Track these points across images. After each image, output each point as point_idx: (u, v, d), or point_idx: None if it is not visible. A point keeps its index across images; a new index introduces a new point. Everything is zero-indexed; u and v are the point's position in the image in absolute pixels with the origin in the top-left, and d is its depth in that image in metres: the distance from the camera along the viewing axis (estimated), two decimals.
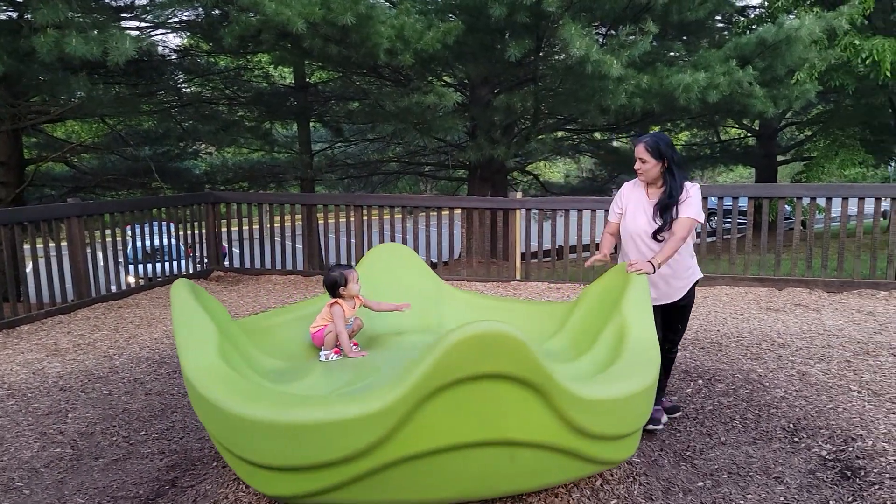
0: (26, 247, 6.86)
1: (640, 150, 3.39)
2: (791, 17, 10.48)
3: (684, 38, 11.23)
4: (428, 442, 2.27)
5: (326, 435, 2.26)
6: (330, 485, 2.36)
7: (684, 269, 3.50)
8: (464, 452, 2.34)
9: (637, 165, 3.44)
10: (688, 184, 3.39)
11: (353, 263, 5.50)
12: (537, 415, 2.31)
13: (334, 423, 2.24)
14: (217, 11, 8.94)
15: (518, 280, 7.78)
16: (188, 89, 12.72)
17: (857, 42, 10.24)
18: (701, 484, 2.98)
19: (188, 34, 11.76)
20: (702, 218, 3.38)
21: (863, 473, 2.97)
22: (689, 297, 3.56)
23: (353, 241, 8.18)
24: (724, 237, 7.95)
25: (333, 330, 3.60)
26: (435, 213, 8.32)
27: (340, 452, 2.26)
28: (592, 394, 2.44)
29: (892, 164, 19.82)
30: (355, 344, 3.72)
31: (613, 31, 9.38)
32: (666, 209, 3.38)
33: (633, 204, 3.55)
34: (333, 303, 3.63)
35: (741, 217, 17.84)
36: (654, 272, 3.36)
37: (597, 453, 2.56)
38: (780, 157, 19.98)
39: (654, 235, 3.41)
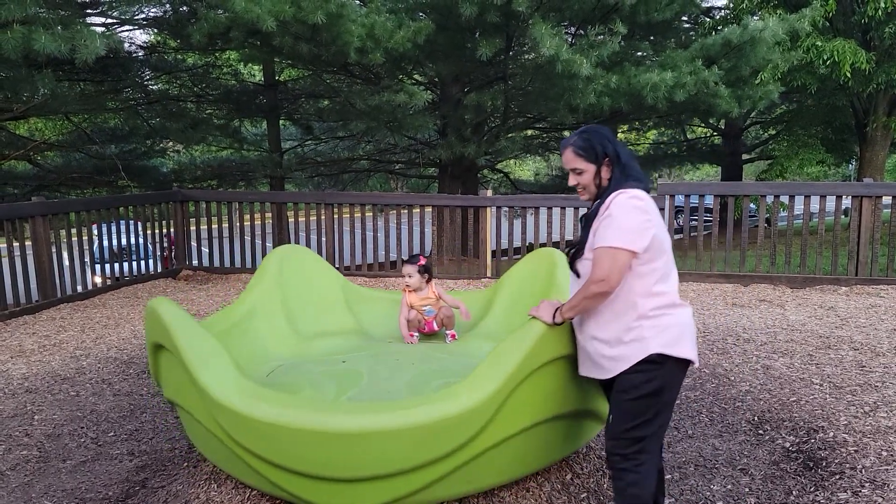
0: None
1: (569, 157, 2.38)
2: (755, 18, 10.70)
3: (651, 38, 11.39)
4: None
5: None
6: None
7: (619, 332, 2.26)
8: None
9: (572, 180, 2.40)
10: (623, 193, 2.24)
11: (424, 252, 5.96)
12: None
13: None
14: (185, 8, 8.83)
15: (489, 277, 7.83)
16: (155, 86, 12.52)
17: (818, 44, 10.49)
18: (669, 476, 3.05)
19: (155, 31, 11.57)
20: (634, 246, 2.17)
21: (824, 464, 3.06)
22: (628, 383, 2.25)
23: (323, 238, 8.15)
24: (691, 234, 8.09)
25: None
26: (406, 211, 8.33)
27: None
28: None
29: (853, 163, 20.34)
30: (411, 333, 4.02)
31: (582, 32, 9.47)
32: (586, 226, 2.34)
33: None
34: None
35: (707, 214, 18.17)
36: (558, 324, 2.41)
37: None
38: (745, 156, 20.38)
39: (572, 266, 2.40)
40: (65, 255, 6.95)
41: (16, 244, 6.35)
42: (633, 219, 2.19)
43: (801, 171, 13.62)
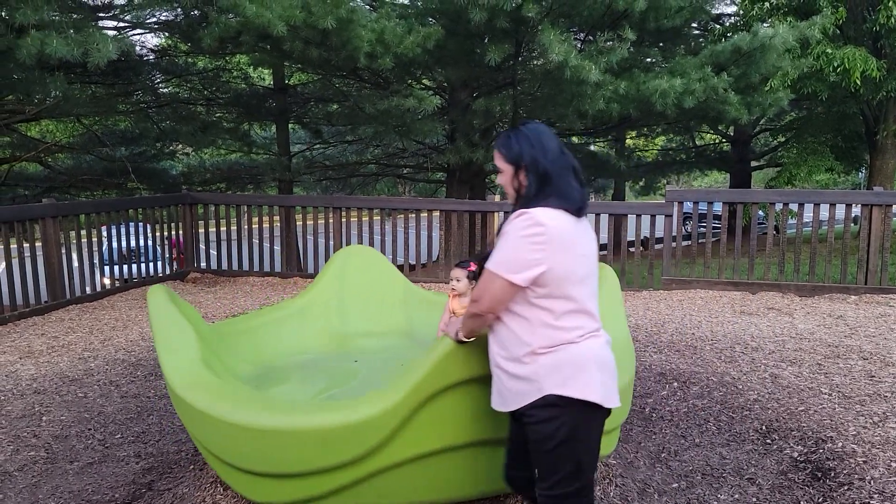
0: None
1: (495, 152, 2.17)
2: (765, 25, 10.68)
3: (661, 44, 11.39)
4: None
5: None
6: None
7: (514, 364, 2.04)
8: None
9: (499, 179, 2.19)
10: (524, 214, 1.95)
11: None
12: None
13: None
14: (196, 12, 8.87)
15: None
16: (166, 90, 12.61)
17: (829, 51, 10.46)
18: (675, 485, 3.03)
19: (166, 35, 11.65)
20: (515, 278, 1.93)
21: (833, 475, 3.04)
22: (537, 433, 2.01)
23: (331, 242, 8.17)
24: (699, 241, 8.07)
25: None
26: (413, 216, 8.33)
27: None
28: None
29: (863, 171, 20.24)
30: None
31: (591, 38, 9.49)
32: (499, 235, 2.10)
33: None
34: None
35: (716, 221, 18.11)
36: (461, 342, 2.23)
37: None
38: (754, 163, 20.32)
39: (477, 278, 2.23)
40: (74, 256, 6.99)
41: (26, 245, 6.40)
42: (519, 248, 1.93)
43: (810, 178, 13.57)
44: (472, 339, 2.21)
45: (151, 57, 11.69)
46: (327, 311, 4.04)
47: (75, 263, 6.95)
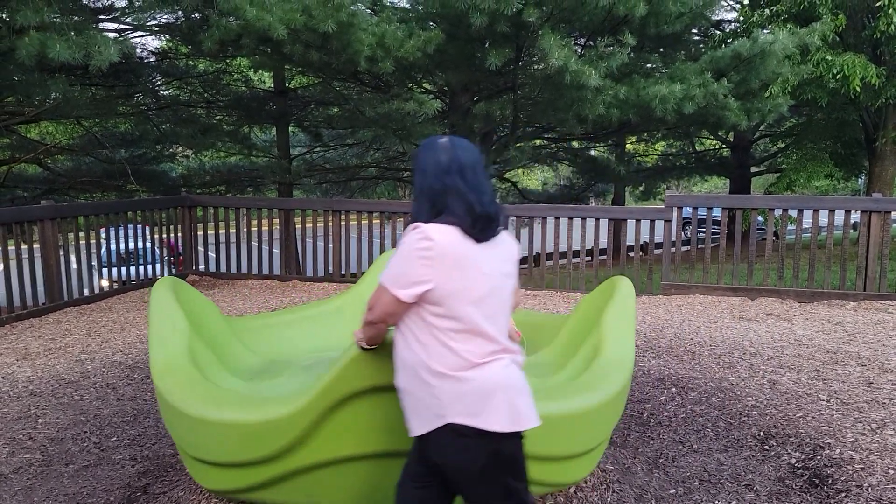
0: None
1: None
2: (765, 32, 10.70)
3: (661, 50, 11.41)
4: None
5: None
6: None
7: (413, 384, 1.94)
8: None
9: None
10: (416, 229, 1.90)
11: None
12: None
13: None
14: (197, 15, 8.89)
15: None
16: (166, 92, 12.62)
17: (828, 58, 10.47)
18: (673, 491, 3.02)
19: (167, 37, 11.67)
20: (400, 294, 1.87)
21: (830, 481, 3.03)
22: (454, 466, 1.91)
23: (330, 246, 8.17)
24: (699, 247, 8.07)
25: None
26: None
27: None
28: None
29: (862, 178, 20.26)
30: None
31: (592, 43, 9.50)
32: None
33: None
34: None
35: (715, 227, 18.11)
36: (365, 349, 2.17)
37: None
38: (754, 169, 20.35)
39: None
40: (73, 258, 6.98)
41: (24, 247, 6.39)
42: (407, 265, 1.88)
43: (809, 184, 13.58)
44: (374, 347, 2.13)
45: (152, 59, 11.71)
46: (355, 312, 4.05)
47: (73, 265, 6.94)
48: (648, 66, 10.42)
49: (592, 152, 19.57)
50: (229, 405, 2.49)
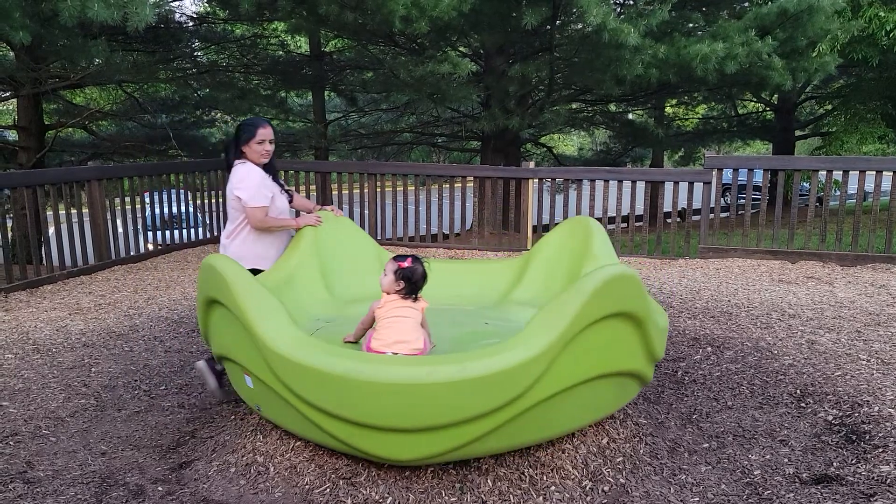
0: (49, 212, 6.98)
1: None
2: None
3: (704, 8, 11.07)
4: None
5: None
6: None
7: None
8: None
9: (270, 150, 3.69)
10: None
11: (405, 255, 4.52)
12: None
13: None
14: None
15: (529, 250, 7.81)
16: (204, 57, 12.73)
17: (881, 14, 10.04)
18: (706, 445, 3.05)
19: (205, 0, 11.73)
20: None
21: (867, 437, 3.02)
22: None
23: (366, 211, 8.24)
24: (738, 212, 7.93)
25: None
26: (447, 186, 8.35)
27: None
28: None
29: None
30: None
31: (631, 0, 9.27)
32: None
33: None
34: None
35: (755, 192, 17.71)
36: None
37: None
38: (798, 132, 19.72)
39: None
40: (119, 222, 7.20)
41: (73, 211, 6.61)
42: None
43: (859, 148, 13.13)
44: None
45: (190, 24, 11.80)
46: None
47: (119, 229, 7.17)
48: (689, 24, 10.14)
49: (630, 116, 19.18)
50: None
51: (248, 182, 3.53)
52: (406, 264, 2.92)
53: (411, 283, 2.91)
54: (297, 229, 3.94)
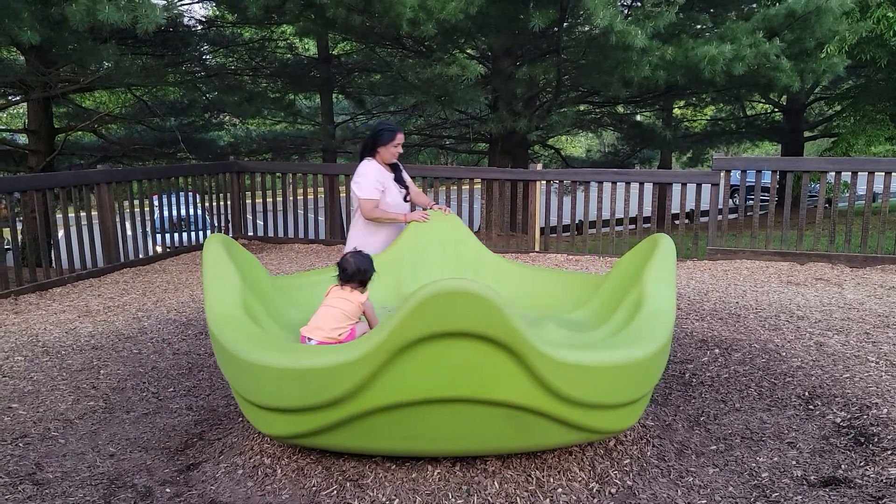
0: (58, 215, 7.03)
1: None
2: None
3: (711, 10, 11.05)
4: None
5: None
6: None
7: None
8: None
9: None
10: None
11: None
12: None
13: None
14: None
15: (537, 252, 7.82)
16: (213, 60, 12.81)
17: (890, 14, 9.99)
18: (714, 447, 3.04)
19: (213, 4, 11.80)
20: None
21: (876, 440, 3.00)
22: None
23: None
24: (747, 213, 7.90)
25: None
26: (455, 187, 8.36)
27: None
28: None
29: None
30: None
31: (638, 2, 9.26)
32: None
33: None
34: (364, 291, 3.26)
35: (764, 194, 17.63)
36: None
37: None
38: (807, 134, 19.63)
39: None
40: (128, 225, 7.25)
41: (83, 214, 6.66)
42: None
43: (868, 149, 13.06)
44: None
45: (199, 28, 11.88)
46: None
47: (129, 232, 7.21)
48: (697, 26, 10.12)
49: (638, 117, 19.16)
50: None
51: (363, 177, 4.18)
52: (346, 255, 3.31)
53: (344, 272, 3.22)
54: (406, 223, 4.36)
